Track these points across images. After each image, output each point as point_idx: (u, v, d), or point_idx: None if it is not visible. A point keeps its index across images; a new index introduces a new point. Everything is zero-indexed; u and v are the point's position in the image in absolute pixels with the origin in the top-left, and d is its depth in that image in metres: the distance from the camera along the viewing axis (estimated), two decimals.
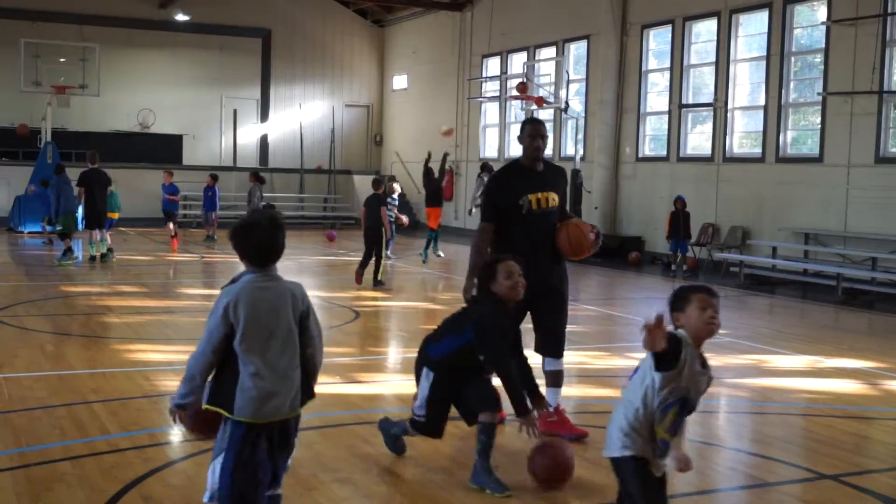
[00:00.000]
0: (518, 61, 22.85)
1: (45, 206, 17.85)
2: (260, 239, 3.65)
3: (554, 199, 5.87)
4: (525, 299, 5.59)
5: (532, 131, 5.91)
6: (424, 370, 5.05)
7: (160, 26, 27.19)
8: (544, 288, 5.75)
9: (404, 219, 17.21)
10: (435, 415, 5.01)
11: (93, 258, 15.88)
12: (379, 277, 13.08)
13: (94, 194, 15.48)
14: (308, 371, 3.75)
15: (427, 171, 18.10)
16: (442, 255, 17.48)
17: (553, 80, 20.34)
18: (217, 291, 3.84)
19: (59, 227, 15.92)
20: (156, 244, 19.71)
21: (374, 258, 13.03)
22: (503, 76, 22.83)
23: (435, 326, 5.35)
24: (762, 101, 16.57)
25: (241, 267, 3.74)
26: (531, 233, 5.81)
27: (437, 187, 17.83)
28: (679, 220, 16.47)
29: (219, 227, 20.80)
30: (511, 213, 5.81)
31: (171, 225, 19.01)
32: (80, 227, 16.19)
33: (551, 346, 5.93)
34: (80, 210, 16.15)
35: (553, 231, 5.85)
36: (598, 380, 6.92)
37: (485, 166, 18.68)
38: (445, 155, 18.62)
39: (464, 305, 5.42)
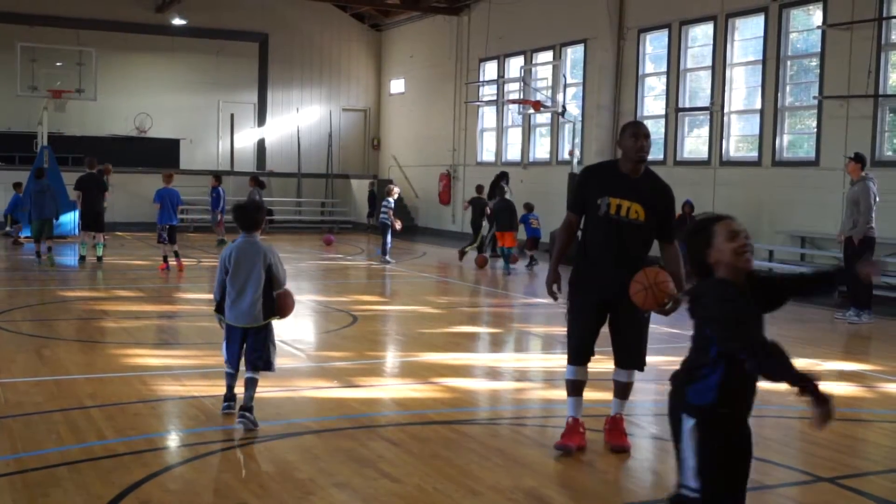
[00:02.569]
0: (515, 65, 22.88)
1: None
2: (245, 216, 6.09)
3: (637, 211, 5.50)
4: (601, 309, 5.64)
5: (635, 130, 5.59)
6: (683, 417, 3.44)
7: (157, 30, 27.20)
8: (617, 297, 5.47)
9: (398, 224, 17.37)
10: (716, 484, 3.37)
11: (82, 258, 16.06)
12: (467, 250, 17.34)
13: (90, 197, 15.97)
14: (276, 299, 6.08)
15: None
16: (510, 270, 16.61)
17: (550, 83, 20.37)
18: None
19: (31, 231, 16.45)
20: (153, 248, 19.67)
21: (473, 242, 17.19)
22: (500, 80, 22.86)
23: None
24: (758, 105, 16.60)
25: None
26: (604, 238, 5.57)
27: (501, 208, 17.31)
28: (685, 223, 16.50)
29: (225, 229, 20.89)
30: (589, 211, 5.64)
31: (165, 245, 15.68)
32: (56, 231, 16.72)
33: (627, 358, 5.77)
34: (77, 213, 16.46)
35: (633, 243, 5.56)
36: (597, 383, 6.93)
37: (503, 175, 18.72)
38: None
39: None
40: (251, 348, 6.04)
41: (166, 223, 15.39)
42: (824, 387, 3.29)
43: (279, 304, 6.15)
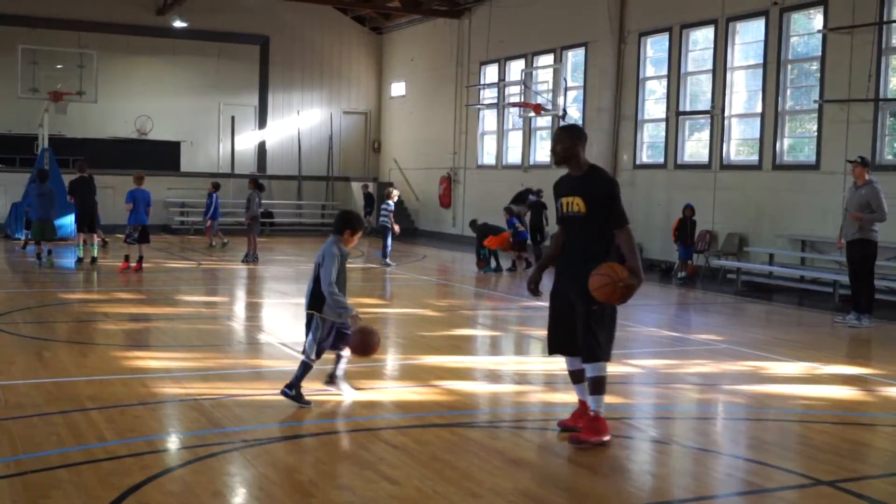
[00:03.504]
0: (516, 68, 22.90)
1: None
2: (335, 220, 7.05)
3: (578, 203, 5.98)
4: (570, 300, 5.95)
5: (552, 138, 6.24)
6: None
7: (158, 33, 27.22)
8: (577, 290, 5.88)
9: (396, 227, 17.43)
10: None
11: (79, 259, 16.10)
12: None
13: (83, 200, 16.27)
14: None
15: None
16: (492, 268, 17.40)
17: (551, 87, 20.39)
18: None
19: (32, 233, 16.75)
20: (153, 251, 19.67)
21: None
22: (501, 83, 22.88)
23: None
24: (759, 109, 16.61)
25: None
26: (566, 234, 6.14)
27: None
28: (686, 227, 16.54)
29: (225, 232, 20.90)
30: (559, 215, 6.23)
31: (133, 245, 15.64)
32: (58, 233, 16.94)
33: (582, 351, 5.94)
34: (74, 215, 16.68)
35: (583, 236, 5.98)
36: None
37: (530, 190, 18.92)
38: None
39: None
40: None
41: (138, 223, 15.56)
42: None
43: (352, 342, 6.86)
